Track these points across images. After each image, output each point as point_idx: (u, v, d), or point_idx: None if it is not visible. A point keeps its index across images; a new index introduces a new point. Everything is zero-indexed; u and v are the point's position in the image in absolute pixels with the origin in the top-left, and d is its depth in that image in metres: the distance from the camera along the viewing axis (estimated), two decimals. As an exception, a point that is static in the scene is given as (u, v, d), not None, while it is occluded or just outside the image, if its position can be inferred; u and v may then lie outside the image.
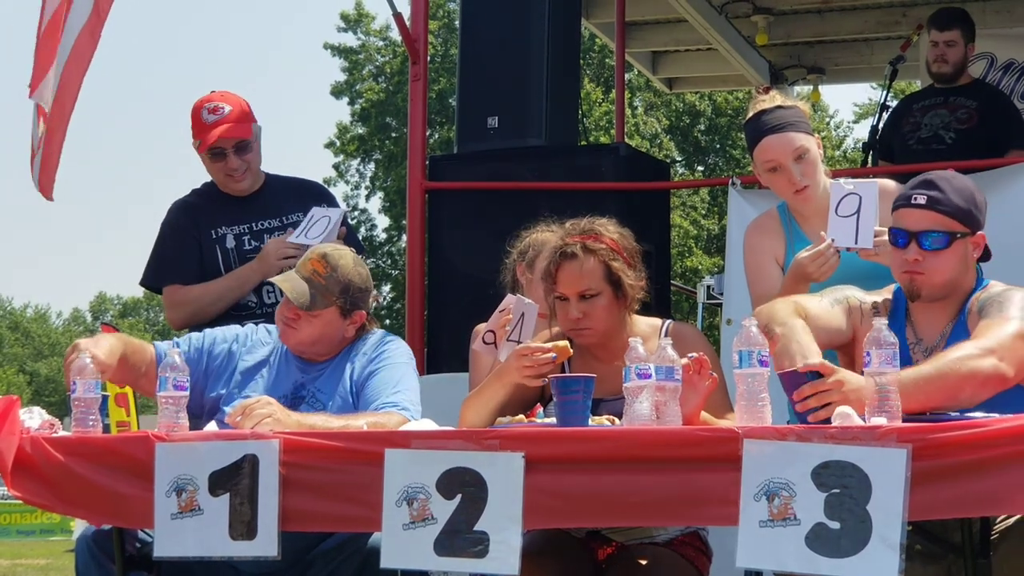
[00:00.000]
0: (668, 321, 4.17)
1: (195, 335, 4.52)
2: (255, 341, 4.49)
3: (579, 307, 4.03)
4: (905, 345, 3.79)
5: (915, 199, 3.77)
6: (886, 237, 4.15)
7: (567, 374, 3.91)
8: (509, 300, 4.30)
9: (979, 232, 3.81)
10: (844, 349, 3.89)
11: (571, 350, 3.90)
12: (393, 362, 4.33)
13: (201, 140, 5.22)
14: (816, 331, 3.73)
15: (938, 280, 3.77)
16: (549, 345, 3.86)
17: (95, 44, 5.35)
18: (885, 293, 3.93)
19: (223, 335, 4.48)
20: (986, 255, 3.89)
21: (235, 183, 5.28)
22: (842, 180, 4.28)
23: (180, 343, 4.45)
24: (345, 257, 4.42)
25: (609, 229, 4.15)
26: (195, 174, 5.53)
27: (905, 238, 3.76)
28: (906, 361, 3.73)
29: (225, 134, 5.20)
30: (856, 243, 4.14)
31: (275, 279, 4.42)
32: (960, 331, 3.77)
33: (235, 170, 5.25)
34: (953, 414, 3.35)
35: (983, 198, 3.85)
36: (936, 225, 3.74)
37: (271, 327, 4.53)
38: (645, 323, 4.15)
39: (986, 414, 3.29)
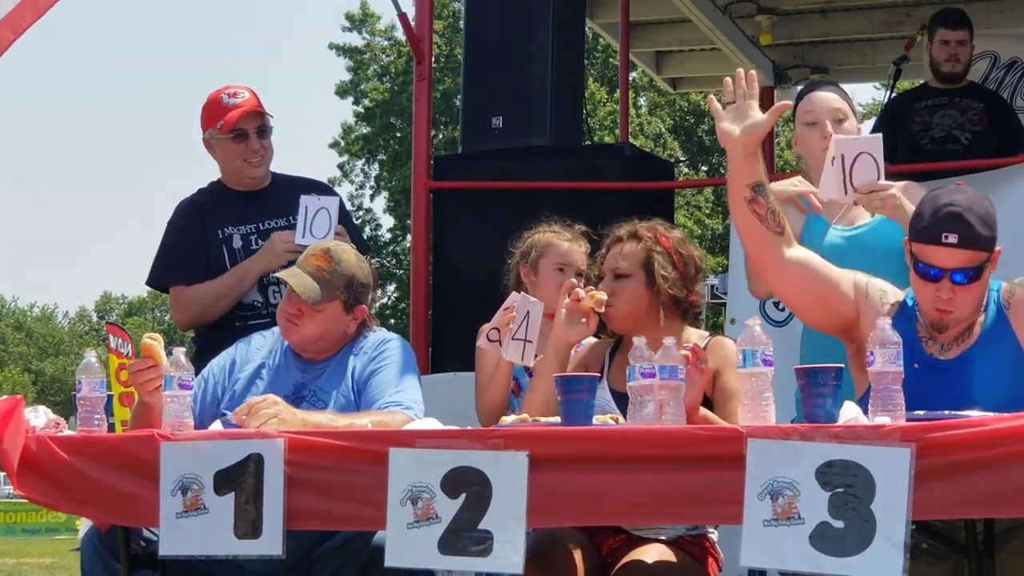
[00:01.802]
0: (717, 336, 4.20)
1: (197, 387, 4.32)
2: (252, 350, 4.49)
3: (610, 286, 4.12)
4: (914, 335, 3.80)
5: (946, 238, 3.70)
6: (893, 190, 4.20)
7: (571, 374, 3.92)
8: (514, 298, 4.32)
9: (998, 248, 3.81)
10: (848, 334, 3.89)
11: (603, 304, 4.01)
12: (395, 361, 4.33)
13: (224, 122, 5.22)
14: (813, 280, 3.80)
15: (967, 312, 3.78)
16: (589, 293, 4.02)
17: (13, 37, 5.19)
18: (899, 294, 3.95)
19: (215, 372, 4.41)
20: None
21: (251, 168, 5.27)
22: (843, 138, 4.34)
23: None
24: (347, 252, 4.44)
25: (671, 231, 4.27)
26: (202, 173, 5.53)
27: (938, 275, 3.73)
28: (917, 355, 3.75)
29: (249, 110, 5.22)
30: (845, 195, 4.21)
31: (281, 274, 4.41)
32: (999, 323, 3.78)
33: (254, 153, 5.25)
34: (955, 413, 3.35)
35: (994, 209, 3.84)
36: (969, 262, 3.71)
37: (266, 332, 4.54)
38: (695, 334, 4.19)
39: (986, 414, 3.30)
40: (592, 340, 4.34)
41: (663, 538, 4.00)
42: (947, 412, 3.40)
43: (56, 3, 5.09)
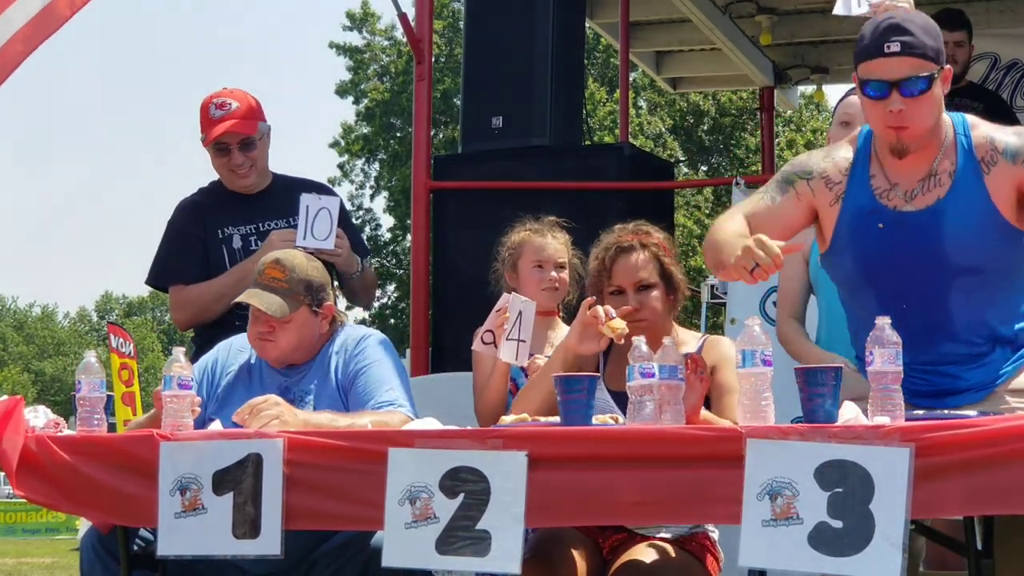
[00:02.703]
0: (707, 335, 4.22)
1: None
2: (232, 353, 4.48)
3: (635, 298, 4.12)
4: (871, 195, 3.76)
5: (888, 47, 3.60)
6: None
7: (570, 374, 3.93)
8: (505, 299, 4.32)
9: (947, 66, 3.71)
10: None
11: (623, 337, 3.97)
12: (379, 358, 4.33)
13: (206, 135, 5.24)
14: (772, 230, 3.70)
15: (924, 128, 3.68)
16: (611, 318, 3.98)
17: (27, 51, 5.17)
18: (845, 146, 3.87)
19: (196, 377, 4.33)
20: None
21: (239, 179, 5.28)
22: None
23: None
24: (296, 256, 4.44)
25: (659, 231, 4.28)
26: (202, 173, 5.54)
27: (885, 89, 3.62)
28: (880, 214, 3.73)
29: (230, 129, 5.21)
30: (860, 7, 4.22)
31: (241, 298, 4.35)
32: (973, 178, 3.72)
33: (239, 166, 5.25)
34: (954, 413, 3.36)
35: (938, 27, 3.76)
36: (915, 70, 3.61)
37: (244, 335, 4.52)
38: (686, 333, 4.21)
39: (986, 414, 3.31)
40: None
41: (664, 536, 4.01)
42: (946, 411, 3.41)
43: (70, 19, 5.09)
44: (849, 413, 3.24)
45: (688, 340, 4.13)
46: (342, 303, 5.21)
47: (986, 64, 8.61)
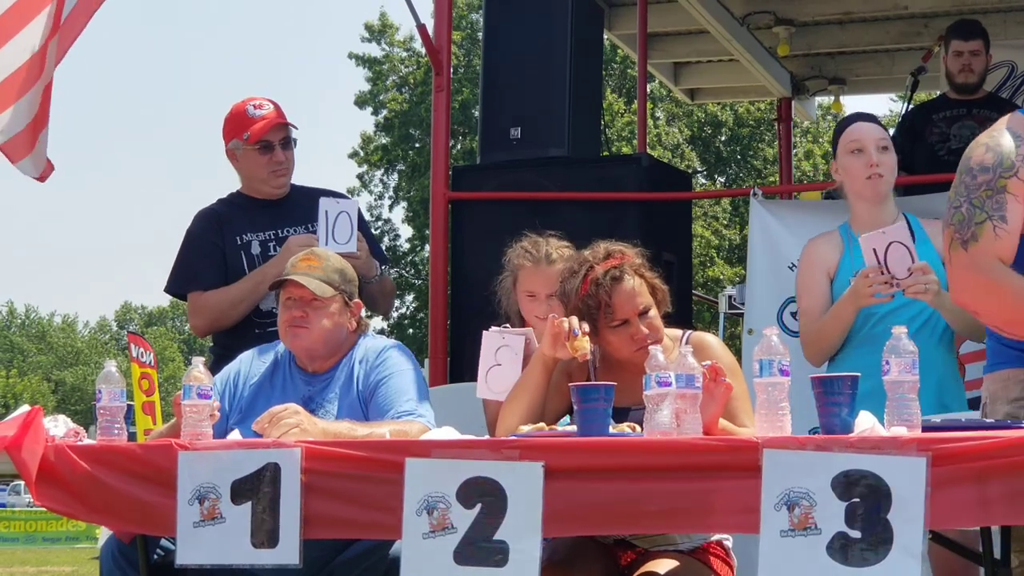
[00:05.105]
0: (688, 331, 4.19)
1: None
2: (255, 364, 4.49)
3: (643, 324, 4.02)
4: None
5: None
6: (933, 277, 4.32)
7: (587, 382, 3.92)
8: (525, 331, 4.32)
9: None
10: None
11: (586, 352, 3.92)
12: (400, 369, 4.34)
13: (250, 133, 5.25)
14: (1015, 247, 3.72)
15: None
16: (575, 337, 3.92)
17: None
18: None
19: (218, 387, 4.37)
20: None
21: (275, 179, 5.30)
22: (870, 234, 4.44)
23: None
24: (327, 251, 4.56)
25: (624, 246, 4.17)
26: (222, 183, 5.56)
27: None
28: None
29: (274, 123, 5.25)
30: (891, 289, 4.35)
31: (290, 277, 4.38)
32: None
33: (280, 164, 5.28)
34: (971, 421, 3.35)
35: None
36: None
37: (268, 347, 4.54)
38: (666, 333, 4.16)
39: (1003, 421, 3.31)
40: None
41: (681, 549, 4.00)
42: (963, 420, 3.40)
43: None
44: (866, 423, 3.24)
45: (668, 343, 4.04)
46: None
47: (1003, 73, 8.61)
